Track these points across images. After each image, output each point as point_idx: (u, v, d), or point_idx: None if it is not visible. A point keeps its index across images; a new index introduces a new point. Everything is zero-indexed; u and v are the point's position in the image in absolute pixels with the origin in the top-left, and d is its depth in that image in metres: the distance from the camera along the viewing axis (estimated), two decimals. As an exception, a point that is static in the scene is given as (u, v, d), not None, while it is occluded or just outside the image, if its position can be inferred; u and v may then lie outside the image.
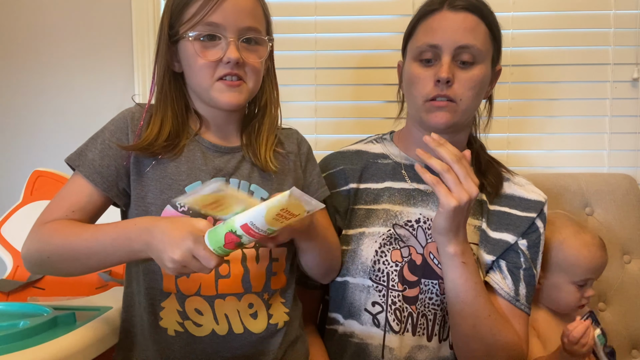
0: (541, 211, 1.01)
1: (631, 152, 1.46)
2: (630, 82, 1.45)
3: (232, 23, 0.81)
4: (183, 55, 0.85)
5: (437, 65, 0.93)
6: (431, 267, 0.97)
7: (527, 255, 0.99)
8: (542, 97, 1.47)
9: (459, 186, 0.83)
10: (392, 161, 1.05)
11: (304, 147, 0.99)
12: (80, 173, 0.83)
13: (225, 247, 0.67)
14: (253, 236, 0.67)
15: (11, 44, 1.50)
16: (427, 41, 0.93)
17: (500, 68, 1.03)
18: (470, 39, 0.91)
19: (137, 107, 0.89)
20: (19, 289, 1.17)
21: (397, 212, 1.00)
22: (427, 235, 0.98)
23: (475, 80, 0.93)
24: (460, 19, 0.92)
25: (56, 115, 1.50)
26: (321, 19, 1.46)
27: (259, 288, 0.86)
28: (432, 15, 0.95)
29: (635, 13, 1.43)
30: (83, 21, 1.49)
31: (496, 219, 1.00)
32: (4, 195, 1.45)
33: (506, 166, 1.09)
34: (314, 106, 1.49)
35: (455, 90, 0.92)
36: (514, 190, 1.03)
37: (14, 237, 1.22)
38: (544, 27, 1.45)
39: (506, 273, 0.98)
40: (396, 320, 0.96)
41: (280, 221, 0.66)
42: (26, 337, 0.73)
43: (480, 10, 0.94)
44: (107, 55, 1.49)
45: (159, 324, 0.83)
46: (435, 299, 0.96)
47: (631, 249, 1.26)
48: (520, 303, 0.97)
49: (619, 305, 1.23)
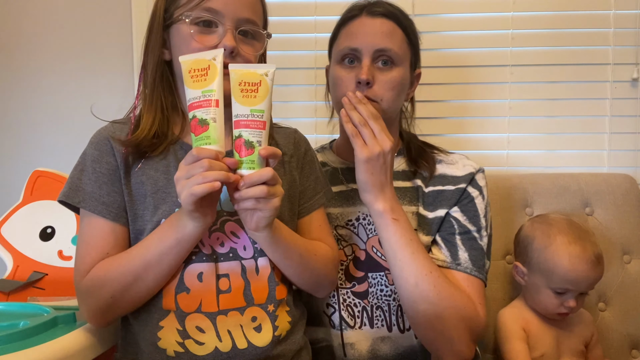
0: (472, 180, 1.03)
1: (631, 152, 1.46)
2: (630, 82, 1.45)
3: (231, 12, 0.80)
4: (175, 40, 0.83)
5: (357, 67, 0.97)
6: (375, 260, 1.00)
7: (460, 220, 0.99)
8: (542, 97, 1.47)
9: (374, 140, 0.90)
10: (330, 167, 1.10)
11: (302, 148, 0.96)
12: (86, 209, 0.82)
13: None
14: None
15: (11, 44, 1.50)
16: (347, 45, 0.98)
17: (420, 72, 1.08)
18: (388, 43, 0.97)
19: (112, 125, 0.87)
20: (19, 289, 1.16)
21: (338, 213, 1.05)
22: (368, 231, 1.02)
23: (394, 81, 0.97)
24: (377, 24, 0.98)
25: (56, 115, 1.50)
26: (321, 19, 1.46)
27: (262, 300, 0.83)
28: (352, 21, 1.00)
29: (635, 13, 1.43)
30: (83, 21, 1.49)
31: (431, 199, 1.02)
32: (4, 195, 1.45)
33: (440, 147, 1.12)
34: (314, 106, 1.49)
35: (376, 91, 0.96)
36: (446, 169, 1.05)
37: (14, 237, 1.22)
38: (544, 27, 1.45)
39: (441, 244, 0.99)
40: (350, 316, 0.99)
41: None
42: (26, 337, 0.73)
43: (397, 16, 0.99)
44: (107, 55, 1.49)
45: (158, 345, 0.80)
46: (386, 290, 0.99)
47: (631, 249, 1.26)
48: (463, 267, 0.96)
49: (619, 305, 1.23)
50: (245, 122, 0.73)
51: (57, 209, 1.24)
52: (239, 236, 0.83)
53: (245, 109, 0.73)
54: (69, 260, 1.21)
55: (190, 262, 0.81)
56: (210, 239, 0.82)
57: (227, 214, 0.83)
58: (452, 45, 1.47)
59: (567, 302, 1.05)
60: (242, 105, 0.73)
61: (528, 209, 1.29)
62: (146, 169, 0.83)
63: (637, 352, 1.23)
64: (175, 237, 0.75)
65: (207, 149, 0.71)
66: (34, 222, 1.24)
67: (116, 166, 0.83)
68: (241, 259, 0.83)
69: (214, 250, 0.82)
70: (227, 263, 0.82)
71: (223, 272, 0.82)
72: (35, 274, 1.19)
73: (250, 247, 0.84)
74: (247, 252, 0.84)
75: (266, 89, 0.74)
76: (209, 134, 0.72)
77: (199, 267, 0.81)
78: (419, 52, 1.06)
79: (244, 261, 0.83)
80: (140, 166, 0.83)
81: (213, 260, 0.81)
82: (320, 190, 0.97)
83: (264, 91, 0.74)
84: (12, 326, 0.75)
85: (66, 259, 1.22)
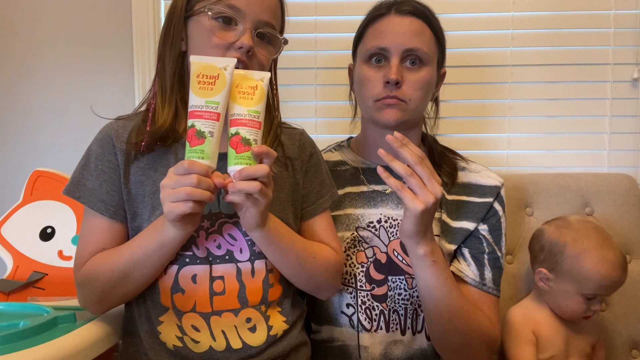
0: (498, 195, 1.03)
1: (631, 152, 1.46)
2: (630, 82, 1.45)
3: (253, 12, 0.81)
4: (194, 33, 0.83)
5: (386, 67, 0.96)
6: (396, 264, 0.99)
7: (489, 240, 1.01)
8: (542, 97, 1.47)
9: (424, 189, 0.82)
10: (350, 167, 1.08)
11: (307, 151, 0.96)
12: (85, 205, 0.83)
13: (191, 145, 0.71)
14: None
15: (11, 44, 1.50)
16: (376, 44, 0.97)
17: (445, 71, 1.07)
18: (417, 42, 0.95)
19: (116, 122, 0.87)
20: (19, 289, 1.17)
21: (359, 215, 1.03)
22: (389, 234, 1.01)
23: (422, 81, 0.96)
24: (406, 23, 0.96)
25: (56, 115, 1.50)
26: (321, 19, 1.46)
27: (256, 302, 0.84)
28: (380, 20, 0.99)
29: (635, 13, 1.43)
30: (83, 21, 1.49)
31: (455, 208, 1.01)
32: (4, 195, 1.45)
33: (462, 155, 1.11)
34: (314, 106, 1.49)
35: (404, 91, 0.95)
36: (470, 178, 1.04)
37: (14, 237, 1.22)
38: (544, 27, 1.45)
39: (470, 260, 1.00)
40: (367, 319, 0.98)
41: (205, 87, 0.73)
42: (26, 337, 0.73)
43: (426, 15, 0.98)
44: (107, 55, 1.49)
45: (159, 338, 0.82)
46: (404, 294, 0.99)
47: (631, 249, 1.26)
48: (487, 287, 0.99)
49: (619, 306, 1.23)
50: (241, 120, 0.74)
51: (57, 209, 1.25)
52: (236, 238, 0.84)
53: (240, 108, 0.74)
54: (69, 260, 1.21)
55: (185, 265, 0.82)
56: (207, 241, 0.82)
57: (225, 216, 0.83)
58: (452, 45, 1.45)
59: (594, 306, 1.04)
60: (236, 104, 0.74)
61: (528, 209, 1.29)
62: (146, 169, 0.84)
63: (637, 352, 1.23)
64: (157, 241, 0.76)
65: (200, 163, 0.70)
66: (34, 222, 1.24)
67: (117, 165, 0.84)
68: (237, 262, 0.83)
69: (210, 252, 0.82)
70: (223, 265, 0.83)
71: (218, 274, 0.82)
72: (35, 274, 1.19)
73: (247, 249, 0.84)
74: (243, 254, 0.84)
75: (260, 93, 0.76)
76: (204, 147, 0.71)
77: (192, 269, 0.82)
78: (445, 50, 1.04)
79: (239, 264, 0.83)
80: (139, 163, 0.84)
81: (207, 262, 0.82)
82: (326, 193, 0.96)
83: (258, 94, 0.75)
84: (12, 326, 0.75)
85: (66, 259, 1.22)
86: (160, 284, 0.82)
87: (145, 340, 0.83)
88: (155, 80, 0.87)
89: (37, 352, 0.68)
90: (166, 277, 0.82)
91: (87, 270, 0.81)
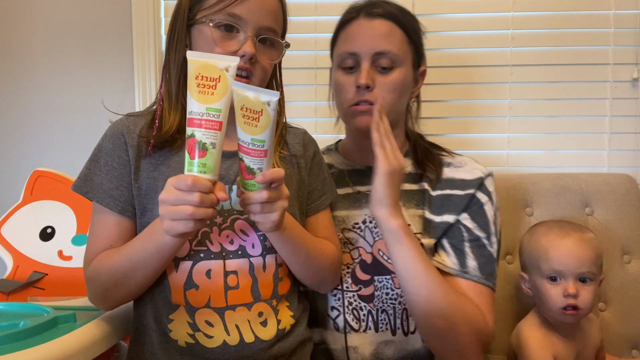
0: (481, 185, 1.01)
1: (631, 152, 1.46)
2: (630, 82, 1.45)
3: (254, 19, 0.81)
4: (196, 41, 0.84)
5: (357, 71, 0.96)
6: (382, 264, 0.99)
7: (470, 227, 0.98)
8: (542, 97, 1.47)
9: (394, 154, 0.89)
10: (337, 169, 1.09)
11: (310, 150, 0.97)
12: (93, 200, 0.84)
13: (191, 158, 0.68)
14: (201, 126, 0.67)
15: (11, 44, 1.50)
16: (346, 49, 0.98)
17: (425, 69, 1.06)
18: (386, 45, 0.95)
19: (127, 118, 0.88)
20: (19, 289, 1.17)
21: (344, 216, 1.03)
22: (374, 234, 1.01)
23: (395, 83, 0.96)
24: (375, 26, 0.96)
25: (56, 115, 1.50)
26: (321, 19, 1.46)
27: (268, 296, 0.85)
28: (350, 24, 0.99)
29: (635, 13, 1.43)
30: (83, 21, 1.49)
31: (438, 203, 1.00)
32: (4, 195, 1.45)
33: (447, 149, 1.10)
34: (314, 106, 1.49)
35: (376, 94, 0.95)
36: (454, 173, 1.03)
37: (14, 237, 1.22)
38: (544, 27, 1.45)
39: (449, 250, 0.97)
40: (355, 319, 0.98)
41: (206, 92, 0.67)
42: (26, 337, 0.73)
43: (395, 16, 0.97)
44: (107, 55, 1.49)
45: (169, 336, 0.82)
46: (391, 293, 0.98)
47: (631, 249, 1.26)
48: (471, 275, 0.95)
49: (619, 305, 1.23)
50: (246, 148, 0.70)
51: (57, 209, 1.25)
52: (248, 234, 0.85)
53: (245, 135, 0.70)
54: (69, 260, 1.22)
55: (199, 260, 0.82)
56: (220, 237, 0.83)
57: (237, 213, 0.84)
58: (452, 45, 1.47)
59: (567, 289, 0.99)
60: (242, 130, 0.69)
61: (528, 209, 1.29)
62: (158, 165, 0.84)
63: (637, 352, 1.23)
64: (155, 245, 0.76)
65: (203, 179, 0.67)
66: (34, 222, 1.24)
67: (127, 161, 0.84)
68: (249, 257, 0.85)
69: (223, 248, 0.83)
70: (236, 260, 0.84)
71: (231, 269, 0.83)
72: (35, 274, 1.19)
73: (258, 245, 0.85)
74: (255, 249, 0.85)
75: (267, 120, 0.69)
76: (206, 161, 0.67)
77: (207, 264, 0.82)
78: (422, 49, 1.04)
79: (252, 259, 0.85)
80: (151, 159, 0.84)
81: (221, 257, 0.83)
82: (327, 191, 0.98)
83: (264, 121, 0.69)
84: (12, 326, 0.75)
85: (66, 259, 1.22)
86: (171, 281, 0.82)
87: (155, 339, 0.83)
88: (162, 85, 0.87)
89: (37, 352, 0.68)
90: (178, 274, 0.82)
91: (93, 268, 0.82)
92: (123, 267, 0.79)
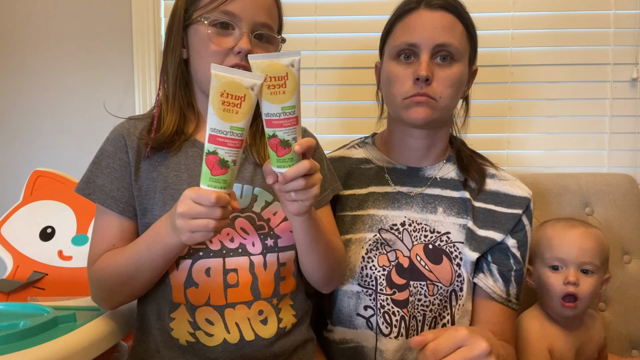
0: (527, 207, 1.00)
1: (631, 152, 1.46)
2: (630, 82, 1.45)
3: (248, 15, 0.82)
4: (193, 40, 0.85)
5: (415, 63, 0.92)
6: (418, 269, 0.97)
7: (517, 256, 0.99)
8: (542, 97, 1.47)
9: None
10: (375, 165, 1.05)
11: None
12: (95, 202, 0.85)
13: (213, 174, 0.67)
14: (225, 144, 0.66)
15: (11, 44, 1.50)
16: (405, 40, 0.93)
17: (477, 68, 1.03)
18: (448, 37, 0.91)
19: (127, 121, 0.89)
20: (19, 289, 1.17)
21: (382, 216, 1.00)
22: (413, 238, 0.99)
23: (453, 78, 0.93)
24: (437, 18, 0.92)
25: (56, 115, 1.50)
26: (321, 19, 1.46)
27: (268, 294, 0.85)
28: (409, 14, 0.95)
29: (635, 13, 1.43)
30: (83, 21, 1.49)
31: (482, 216, 0.99)
32: (4, 195, 1.45)
33: (491, 161, 1.08)
34: (314, 106, 1.49)
35: (435, 88, 0.92)
36: (498, 186, 1.02)
37: (14, 237, 1.22)
38: (544, 27, 1.45)
39: (497, 276, 0.98)
40: (385, 323, 0.95)
41: (230, 110, 0.66)
42: (26, 337, 0.73)
43: (457, 9, 0.94)
44: (107, 55, 1.49)
45: (171, 334, 0.83)
46: (424, 300, 0.96)
47: (631, 249, 1.26)
48: (512, 303, 0.99)
49: (619, 305, 1.23)
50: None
51: (57, 209, 1.25)
52: (248, 232, 0.85)
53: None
54: (69, 260, 1.22)
55: (198, 259, 0.83)
56: (220, 235, 0.84)
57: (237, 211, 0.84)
58: (452, 45, 1.47)
59: (567, 277, 1.00)
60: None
61: (528, 209, 1.29)
62: (157, 166, 0.85)
63: (637, 352, 1.23)
64: (162, 246, 0.76)
65: (225, 196, 0.68)
66: (34, 222, 1.24)
67: (128, 162, 0.85)
68: (250, 255, 0.85)
69: (223, 246, 0.84)
70: (236, 258, 0.84)
71: (231, 267, 0.83)
72: (35, 274, 1.19)
73: (259, 243, 0.85)
74: (255, 248, 0.85)
75: (294, 83, 0.68)
76: (227, 177, 0.68)
77: (206, 262, 0.83)
78: (477, 47, 1.00)
79: (252, 257, 0.85)
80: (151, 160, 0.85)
81: (221, 255, 0.83)
82: (327, 187, 0.97)
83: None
84: (12, 326, 0.75)
85: (66, 259, 1.22)
86: (172, 280, 0.83)
87: (158, 338, 0.84)
88: (160, 88, 0.89)
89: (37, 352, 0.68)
90: (179, 272, 0.83)
91: (97, 269, 0.83)
92: (128, 268, 0.79)
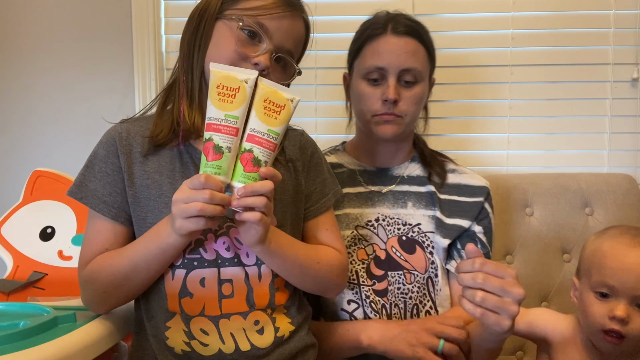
0: (487, 195, 1.10)
1: (631, 152, 1.46)
2: (630, 82, 1.45)
3: (279, 36, 0.82)
4: (218, 33, 0.82)
5: (383, 85, 1.02)
6: (395, 260, 1.04)
7: (484, 241, 1.07)
8: (542, 97, 1.47)
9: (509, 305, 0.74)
10: (347, 169, 1.14)
11: (308, 151, 0.95)
12: (87, 206, 0.84)
13: (208, 160, 0.71)
14: (219, 131, 0.71)
15: (11, 45, 1.50)
16: (374, 63, 1.02)
17: (434, 79, 1.12)
18: (413, 62, 1.02)
19: (120, 125, 0.87)
20: (19, 289, 1.17)
21: (357, 214, 1.08)
22: (387, 232, 1.07)
23: (417, 97, 1.03)
24: (402, 44, 1.02)
25: (56, 115, 1.50)
26: (321, 19, 1.46)
27: (264, 305, 0.84)
28: (377, 39, 1.03)
29: (635, 13, 1.43)
30: (83, 22, 1.49)
31: (448, 206, 1.08)
32: (4, 195, 1.45)
33: (450, 157, 1.17)
34: (314, 106, 1.49)
35: (401, 107, 1.02)
36: (459, 179, 1.11)
37: (14, 237, 1.22)
38: (544, 27, 1.45)
39: None
40: (373, 312, 1.01)
41: (225, 100, 0.72)
42: (26, 337, 0.73)
43: (419, 34, 1.04)
44: (107, 56, 1.49)
45: (167, 343, 0.82)
46: (403, 288, 1.03)
47: (631, 249, 1.26)
48: None
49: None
50: (259, 139, 0.73)
51: (57, 209, 1.25)
52: (242, 242, 0.84)
53: (262, 125, 0.73)
54: (69, 260, 1.22)
55: (193, 268, 0.82)
56: (215, 244, 0.83)
57: (231, 220, 0.83)
58: (453, 45, 1.47)
59: (613, 310, 0.79)
60: (261, 121, 0.73)
61: (528, 209, 1.29)
62: (151, 172, 0.84)
63: (637, 352, 1.22)
64: (159, 246, 0.76)
65: (216, 179, 0.70)
66: (34, 222, 1.24)
67: (120, 167, 0.84)
68: (244, 265, 0.84)
69: (219, 255, 0.83)
70: (231, 268, 0.83)
71: (226, 277, 0.82)
72: (35, 274, 1.19)
73: (252, 254, 0.84)
74: (250, 258, 0.84)
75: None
76: (221, 163, 0.71)
77: (201, 272, 0.82)
78: (435, 62, 1.10)
79: (247, 267, 0.84)
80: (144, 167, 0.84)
81: (216, 265, 0.82)
82: (329, 192, 0.96)
83: (285, 115, 0.74)
84: (12, 326, 0.75)
85: (66, 259, 1.22)
86: (167, 289, 0.82)
87: (154, 345, 0.83)
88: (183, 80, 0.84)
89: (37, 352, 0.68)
90: (174, 282, 0.82)
91: (90, 271, 0.82)
92: (124, 269, 0.79)
